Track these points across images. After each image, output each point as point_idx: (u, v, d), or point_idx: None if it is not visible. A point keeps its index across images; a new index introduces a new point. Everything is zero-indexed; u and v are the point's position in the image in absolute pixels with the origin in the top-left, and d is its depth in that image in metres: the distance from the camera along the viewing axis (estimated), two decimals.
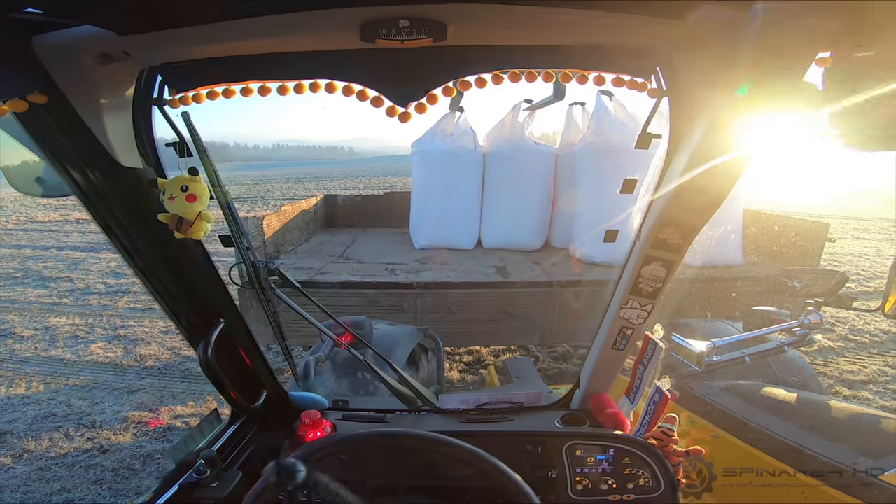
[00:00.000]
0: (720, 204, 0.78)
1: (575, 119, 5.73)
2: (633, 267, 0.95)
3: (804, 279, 2.01)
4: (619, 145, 4.58)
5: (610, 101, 5.02)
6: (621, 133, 4.67)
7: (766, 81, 0.65)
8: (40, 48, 0.62)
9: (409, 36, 0.62)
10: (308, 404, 1.27)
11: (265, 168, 58.19)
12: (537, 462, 1.02)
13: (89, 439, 3.33)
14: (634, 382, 1.11)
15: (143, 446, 3.27)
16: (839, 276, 1.91)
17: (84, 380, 4.21)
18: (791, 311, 1.93)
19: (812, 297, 1.82)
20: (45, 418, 3.56)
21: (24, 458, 3.11)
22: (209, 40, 0.65)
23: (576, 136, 5.46)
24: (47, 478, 2.93)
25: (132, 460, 3.11)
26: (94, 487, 2.86)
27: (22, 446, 3.21)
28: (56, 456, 3.14)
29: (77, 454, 3.17)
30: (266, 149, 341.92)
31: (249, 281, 1.08)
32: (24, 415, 3.61)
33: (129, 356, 4.69)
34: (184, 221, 0.78)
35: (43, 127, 0.67)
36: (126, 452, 3.19)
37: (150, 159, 0.78)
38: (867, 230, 13.72)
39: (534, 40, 0.70)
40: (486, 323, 3.84)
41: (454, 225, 5.32)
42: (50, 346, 4.89)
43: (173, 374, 4.36)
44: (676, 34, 0.67)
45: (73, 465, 3.05)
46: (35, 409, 3.69)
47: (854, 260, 9.45)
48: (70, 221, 13.23)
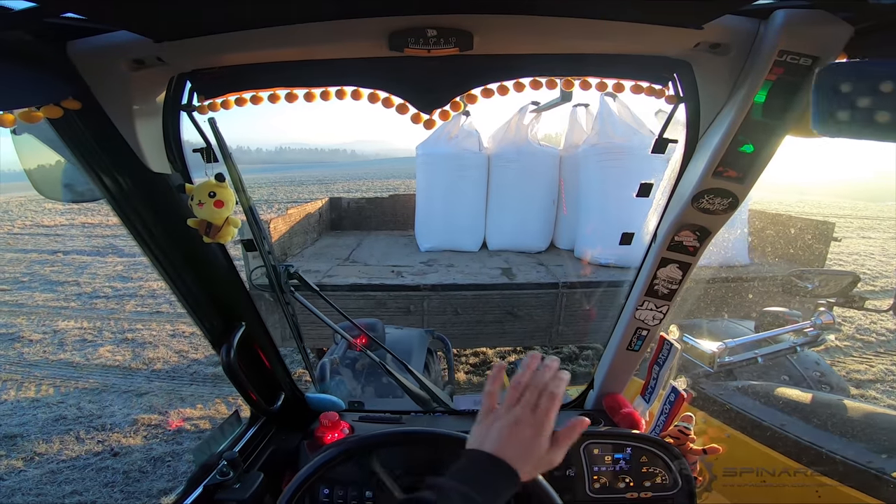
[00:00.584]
0: (737, 208, 0.79)
1: (579, 121, 5.74)
2: (648, 268, 0.96)
3: (816, 280, 2.00)
4: (623, 147, 4.60)
5: (614, 103, 5.03)
6: (625, 135, 4.69)
7: (783, 89, 0.67)
8: (75, 54, 0.63)
9: (436, 45, 0.63)
10: (325, 406, 1.28)
11: (268, 171, 58.40)
12: None
13: (100, 442, 3.36)
14: (650, 383, 1.12)
15: (154, 449, 3.29)
16: (852, 276, 1.91)
17: (93, 383, 4.24)
18: (799, 312, 1.93)
19: (824, 298, 1.82)
20: (55, 421, 3.59)
21: (35, 461, 3.14)
22: (240, 47, 0.67)
23: (580, 137, 5.47)
24: (59, 481, 2.96)
25: (143, 463, 3.13)
26: (105, 490, 2.89)
27: (33, 449, 3.24)
28: (67, 459, 3.17)
29: (88, 457, 3.19)
30: (269, 152, 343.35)
31: (270, 284, 1.09)
32: (35, 418, 3.64)
33: (137, 359, 4.72)
34: (212, 227, 0.79)
35: (75, 133, 0.68)
36: (137, 455, 3.21)
37: (178, 165, 0.80)
38: (872, 229, 13.67)
39: (556, 49, 0.71)
40: (492, 324, 3.86)
41: (459, 227, 5.34)
42: (58, 350, 4.93)
43: (181, 377, 4.39)
44: (696, 42, 0.68)
45: (84, 467, 3.08)
46: (45, 412, 3.73)
47: (860, 259, 9.41)
48: (76, 225, 13.31)
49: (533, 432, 0.62)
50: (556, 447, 0.64)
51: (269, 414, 1.16)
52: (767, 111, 0.69)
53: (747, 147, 0.73)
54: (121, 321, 5.77)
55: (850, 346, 5.08)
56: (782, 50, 0.64)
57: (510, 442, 0.61)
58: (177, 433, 3.50)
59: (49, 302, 6.53)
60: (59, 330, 5.44)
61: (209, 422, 3.64)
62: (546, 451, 0.63)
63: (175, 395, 4.05)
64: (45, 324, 5.66)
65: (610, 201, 4.58)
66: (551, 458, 0.64)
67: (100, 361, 4.67)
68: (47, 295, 6.85)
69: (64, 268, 8.48)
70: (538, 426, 0.63)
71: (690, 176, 0.82)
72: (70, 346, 5.03)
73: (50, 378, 4.32)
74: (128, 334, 5.33)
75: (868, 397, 4.01)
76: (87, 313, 6.08)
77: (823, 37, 0.63)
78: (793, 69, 0.65)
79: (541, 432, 0.63)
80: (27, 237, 11.87)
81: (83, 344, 5.09)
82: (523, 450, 0.61)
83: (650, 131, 4.82)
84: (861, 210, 16.92)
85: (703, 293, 3.05)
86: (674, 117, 0.82)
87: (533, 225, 5.34)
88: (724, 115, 0.74)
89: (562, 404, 1.29)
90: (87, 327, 5.54)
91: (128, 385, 4.22)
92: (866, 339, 5.30)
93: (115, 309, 6.24)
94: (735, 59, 0.70)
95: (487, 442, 0.62)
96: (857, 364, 4.69)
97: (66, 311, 6.17)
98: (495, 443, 0.61)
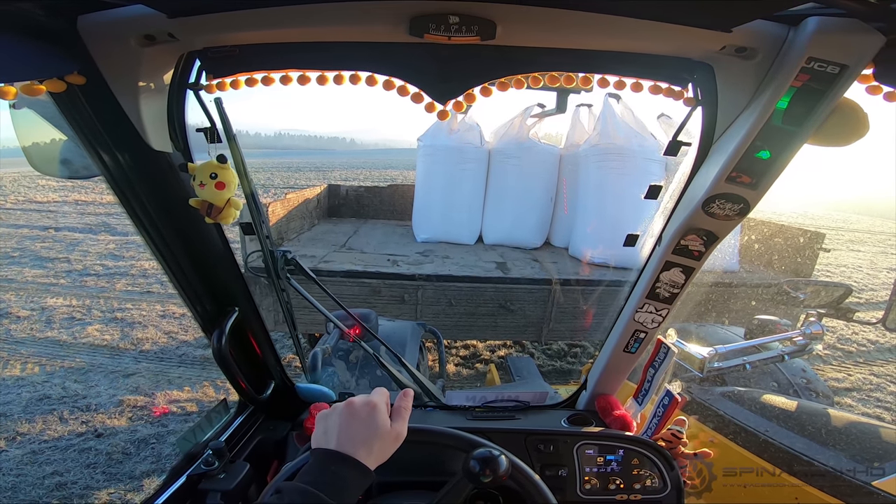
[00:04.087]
0: (747, 214, 0.78)
1: (581, 120, 5.72)
2: (651, 271, 0.95)
3: (808, 290, 2.02)
4: (624, 149, 4.60)
5: (617, 105, 5.02)
6: (626, 137, 4.68)
7: (807, 96, 0.65)
8: (85, 28, 0.61)
9: (457, 33, 0.61)
10: (315, 396, 1.27)
11: (266, 156, 57.77)
12: (548, 460, 1.04)
13: (84, 423, 3.32)
14: (644, 385, 1.13)
15: (138, 430, 3.26)
16: (844, 288, 1.93)
17: (80, 362, 4.19)
18: (790, 321, 1.95)
19: (815, 308, 1.84)
20: (39, 401, 3.55)
21: (17, 440, 3.10)
22: (254, 26, 0.64)
23: (581, 137, 5.46)
24: (40, 461, 2.92)
25: (126, 444, 3.10)
26: (87, 471, 2.86)
27: (15, 429, 3.19)
28: (49, 439, 3.13)
29: (71, 438, 3.15)
30: (267, 137, 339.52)
31: (266, 269, 1.07)
32: (19, 397, 3.59)
33: (125, 339, 4.67)
34: (213, 207, 0.78)
35: (77, 108, 0.66)
36: (120, 437, 3.18)
37: (180, 144, 0.77)
38: (862, 242, 13.88)
39: (577, 44, 0.69)
40: (485, 317, 3.87)
41: (456, 220, 5.33)
42: (46, 328, 4.86)
43: (170, 359, 4.35)
44: (722, 45, 0.66)
45: (66, 448, 3.04)
46: (30, 391, 3.67)
47: (847, 272, 9.58)
48: (69, 203, 13.10)
49: (367, 411, 0.64)
50: (397, 419, 0.67)
51: (257, 403, 1.15)
52: (788, 118, 0.68)
53: (763, 153, 0.71)
54: (110, 300, 5.70)
55: (831, 355, 5.18)
56: (811, 57, 0.62)
57: (348, 430, 0.62)
58: (163, 416, 3.48)
59: (38, 278, 6.43)
60: (48, 307, 5.36)
61: (196, 405, 3.61)
62: (389, 426, 0.65)
63: (163, 376, 4.01)
64: (34, 300, 5.57)
65: (607, 202, 4.59)
66: (398, 431, 0.65)
67: (87, 340, 4.61)
68: (37, 271, 6.74)
69: (55, 244, 8.34)
70: (370, 404, 0.65)
71: (702, 180, 0.81)
72: (58, 323, 4.96)
73: (36, 356, 4.26)
74: (117, 313, 5.27)
75: (844, 405, 4.09)
76: (76, 291, 5.99)
77: (854, 45, 0.61)
78: (819, 76, 0.63)
79: (375, 408, 0.65)
80: (19, 213, 11.66)
81: (71, 322, 5.02)
82: (364, 433, 0.62)
83: (652, 134, 4.83)
84: (853, 223, 17.15)
85: (686, 298, 3.08)
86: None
87: (529, 221, 5.34)
88: (743, 119, 0.72)
89: (554, 404, 1.30)
90: (75, 305, 5.47)
91: (115, 365, 4.17)
92: (847, 348, 5.41)
93: (105, 287, 6.17)
94: (760, 64, 0.68)
95: (326, 438, 0.63)
96: (835, 373, 4.79)
97: (55, 287, 6.08)
98: (333, 437, 0.62)
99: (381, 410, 0.65)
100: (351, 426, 0.62)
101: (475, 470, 0.69)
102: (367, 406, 0.64)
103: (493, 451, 0.71)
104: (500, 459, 0.70)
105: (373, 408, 0.64)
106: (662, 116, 5.10)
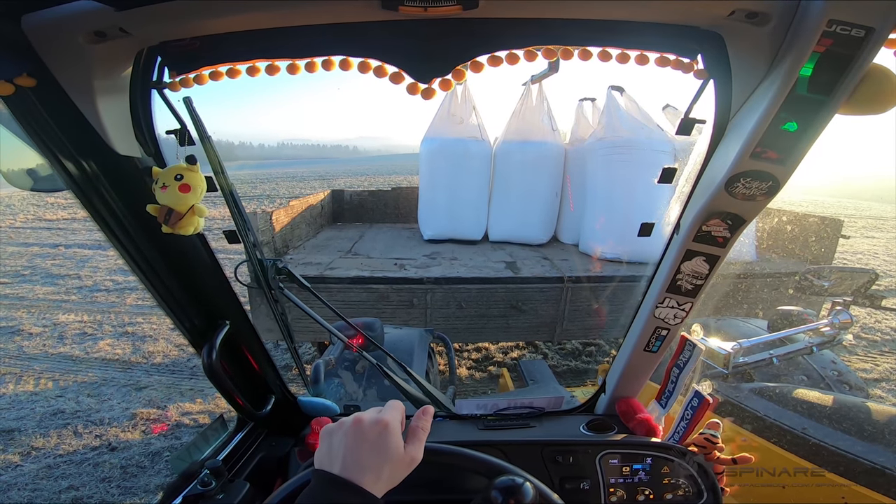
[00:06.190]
0: (777, 192, 0.71)
1: (585, 114, 5.65)
2: (671, 262, 0.87)
3: (832, 277, 1.93)
4: (630, 141, 4.52)
5: (621, 97, 4.94)
6: (632, 129, 4.60)
7: (832, 62, 0.59)
8: (30, 27, 0.56)
9: (435, 3, 0.55)
10: (318, 410, 1.21)
11: (270, 167, 58.29)
12: (568, 473, 0.96)
13: (98, 436, 3.32)
14: (667, 386, 1.05)
15: (152, 444, 3.26)
16: (869, 274, 1.83)
17: (92, 376, 4.21)
18: (814, 311, 1.87)
19: (840, 296, 1.76)
20: (53, 415, 3.56)
21: (32, 455, 3.11)
22: (212, 14, 0.59)
23: (585, 131, 5.38)
24: (55, 476, 2.92)
25: (141, 458, 3.09)
26: (102, 485, 2.85)
27: (30, 444, 3.20)
28: (64, 453, 3.13)
29: (85, 452, 3.16)
30: (270, 147, 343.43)
31: (256, 280, 1.02)
32: (33, 412, 3.60)
33: (137, 353, 4.69)
34: (173, 213, 0.69)
35: (32, 113, 0.61)
36: (134, 450, 3.18)
37: (150, 148, 0.72)
38: (875, 228, 13.56)
39: (573, 13, 0.63)
40: (496, 319, 3.81)
41: (462, 216, 5.30)
42: (58, 343, 4.90)
43: (181, 371, 4.35)
44: (730, 10, 0.59)
45: (81, 462, 3.05)
46: (44, 405, 3.69)
47: (864, 259, 9.40)
48: (78, 220, 13.31)
49: (377, 431, 0.55)
50: (413, 441, 0.57)
51: (257, 419, 1.09)
52: (815, 86, 0.61)
53: (791, 125, 0.64)
54: (121, 315, 5.74)
55: (856, 345, 5.02)
56: (832, 20, 0.56)
57: (354, 452, 0.54)
58: (175, 427, 3.46)
59: (50, 295, 6.51)
60: (60, 323, 5.41)
61: (209, 416, 3.60)
62: (402, 450, 0.56)
63: (174, 389, 4.01)
64: (46, 317, 5.63)
65: (616, 195, 4.51)
66: (412, 456, 0.57)
67: (99, 355, 4.64)
68: (48, 288, 6.83)
69: (65, 261, 8.46)
70: (380, 423, 0.56)
71: (722, 159, 0.73)
72: (70, 339, 5.00)
73: (49, 372, 4.29)
74: (128, 328, 5.30)
75: (874, 396, 3.95)
76: (87, 306, 6.05)
77: (879, 6, 0.55)
78: (843, 41, 0.57)
79: (387, 428, 0.56)
80: (29, 231, 11.86)
81: (83, 337, 5.06)
82: (373, 457, 0.54)
83: (657, 126, 4.73)
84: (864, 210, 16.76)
85: (714, 290, 2.99)
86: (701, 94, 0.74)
87: (535, 217, 5.28)
88: (763, 91, 0.65)
89: (570, 409, 1.23)
90: (87, 321, 5.51)
91: (127, 379, 4.19)
92: (871, 337, 5.25)
93: (115, 302, 6.21)
94: (775, 31, 0.61)
95: (330, 459, 0.55)
96: (861, 363, 4.64)
97: (66, 304, 6.14)
98: (338, 459, 0.54)
99: (394, 431, 0.56)
100: (358, 448, 0.54)
101: (497, 501, 0.63)
102: (378, 425, 0.56)
103: (516, 480, 0.64)
104: (524, 488, 0.63)
105: (384, 427, 0.56)
106: (668, 107, 4.99)
